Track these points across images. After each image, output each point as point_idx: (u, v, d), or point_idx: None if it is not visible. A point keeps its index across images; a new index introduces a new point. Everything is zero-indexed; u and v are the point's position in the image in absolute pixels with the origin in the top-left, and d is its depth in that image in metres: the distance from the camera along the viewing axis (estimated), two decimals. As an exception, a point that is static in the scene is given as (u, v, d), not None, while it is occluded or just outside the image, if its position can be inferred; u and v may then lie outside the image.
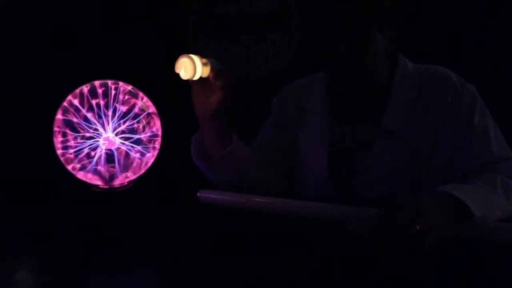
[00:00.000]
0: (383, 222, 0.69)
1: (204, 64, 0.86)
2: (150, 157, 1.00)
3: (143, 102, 0.99)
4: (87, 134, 0.96)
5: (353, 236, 0.72)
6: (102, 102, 0.96)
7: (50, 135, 0.97)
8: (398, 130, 0.99)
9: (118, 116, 0.96)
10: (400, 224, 0.67)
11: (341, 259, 0.71)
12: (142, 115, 0.98)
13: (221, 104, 0.91)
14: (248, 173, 1.01)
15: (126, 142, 0.97)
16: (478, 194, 0.79)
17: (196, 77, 0.86)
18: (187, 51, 0.85)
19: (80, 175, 0.98)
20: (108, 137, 0.96)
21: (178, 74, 0.85)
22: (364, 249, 0.69)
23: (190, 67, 0.84)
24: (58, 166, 0.98)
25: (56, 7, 1.81)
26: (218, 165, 0.97)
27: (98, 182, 0.99)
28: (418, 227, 0.66)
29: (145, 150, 0.99)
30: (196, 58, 0.85)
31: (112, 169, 0.97)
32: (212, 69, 0.88)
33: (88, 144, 0.96)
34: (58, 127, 0.96)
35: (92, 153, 0.96)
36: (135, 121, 0.98)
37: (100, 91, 0.96)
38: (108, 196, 0.99)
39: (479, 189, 0.82)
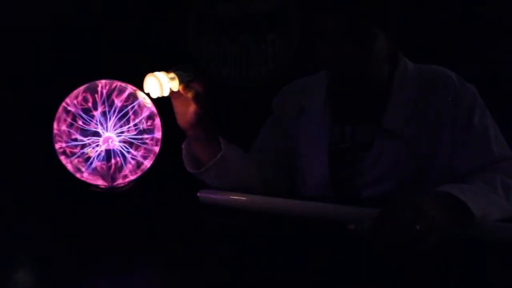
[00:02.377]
0: (383, 222, 0.69)
1: (171, 79, 0.87)
2: (150, 157, 1.00)
3: (144, 101, 0.99)
4: (87, 134, 0.96)
5: (353, 236, 0.72)
6: (102, 102, 0.95)
7: (50, 135, 0.97)
8: (398, 130, 0.99)
9: (118, 116, 0.96)
10: (400, 224, 0.67)
11: (341, 259, 0.71)
12: (142, 115, 0.98)
13: (198, 114, 0.91)
14: (243, 176, 1.01)
15: (126, 142, 0.97)
16: (478, 194, 0.79)
17: (165, 94, 0.87)
18: (152, 70, 0.86)
19: (80, 175, 0.98)
20: (107, 137, 0.96)
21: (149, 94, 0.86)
22: (364, 249, 0.69)
23: (156, 86, 0.85)
24: (58, 166, 0.98)
25: (56, 7, 1.81)
26: (210, 172, 0.98)
27: (98, 182, 0.98)
28: (418, 227, 0.66)
29: (145, 150, 0.99)
30: (161, 75, 0.86)
31: (111, 169, 0.97)
32: (180, 82, 0.88)
33: (87, 144, 0.95)
34: (58, 126, 0.96)
35: (92, 153, 0.96)
36: (135, 120, 0.98)
37: (100, 90, 0.96)
38: (108, 196, 0.99)
39: (479, 189, 0.82)
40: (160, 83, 0.85)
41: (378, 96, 1.02)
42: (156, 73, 0.85)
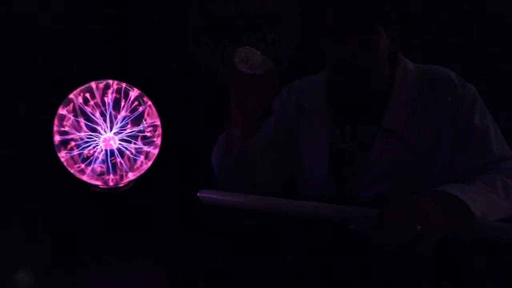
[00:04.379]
0: (384, 222, 0.69)
1: (262, 61, 0.87)
2: (150, 157, 1.00)
3: (144, 102, 0.99)
4: (87, 134, 0.96)
5: (353, 236, 0.72)
6: (102, 102, 0.96)
7: (50, 135, 0.97)
8: (399, 129, 0.99)
9: (118, 117, 0.96)
10: (401, 224, 0.67)
11: (341, 259, 0.71)
12: (143, 116, 0.98)
13: (263, 102, 0.94)
14: (261, 171, 1.01)
15: (126, 142, 0.97)
16: (478, 194, 0.79)
17: (250, 71, 0.88)
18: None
19: (80, 175, 0.98)
20: (108, 137, 0.96)
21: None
22: (364, 249, 0.69)
23: (253, 60, 0.86)
24: (58, 166, 0.98)
25: (56, 7, 1.81)
26: (236, 157, 0.99)
27: (98, 182, 0.99)
28: (419, 227, 0.66)
29: (145, 150, 0.99)
30: (258, 53, 0.87)
31: (111, 169, 0.97)
32: (266, 68, 0.89)
33: (88, 144, 0.96)
34: (58, 127, 0.96)
35: (92, 153, 0.96)
36: (135, 121, 0.98)
37: (100, 91, 0.96)
38: (108, 196, 0.99)
39: (479, 189, 0.82)
40: (256, 59, 0.86)
41: (378, 96, 1.02)
42: (253, 49, 0.86)
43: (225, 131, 1.02)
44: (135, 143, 0.98)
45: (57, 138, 0.96)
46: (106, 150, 0.96)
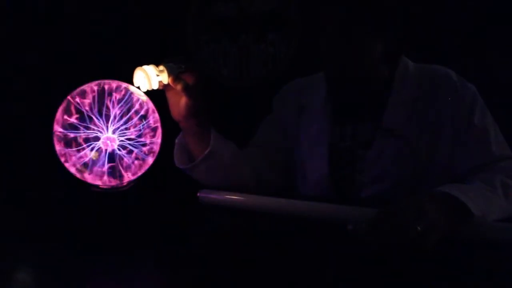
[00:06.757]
0: (383, 222, 0.69)
1: (160, 71, 0.88)
2: (151, 157, 1.00)
3: (143, 101, 0.99)
4: (87, 134, 0.96)
5: (353, 236, 0.72)
6: (102, 102, 0.95)
7: (49, 134, 0.97)
8: (399, 129, 0.99)
9: (118, 116, 0.96)
10: (401, 225, 0.67)
11: (341, 259, 0.71)
12: (143, 115, 0.98)
13: (189, 105, 0.91)
14: (235, 173, 1.00)
15: (126, 142, 0.97)
16: (478, 194, 0.79)
17: (154, 87, 0.88)
18: (141, 63, 0.88)
19: (80, 175, 0.98)
20: (108, 137, 0.96)
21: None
22: (363, 250, 0.69)
23: (145, 79, 0.86)
24: (58, 166, 0.98)
25: (56, 7, 1.81)
26: (200, 168, 0.98)
27: (98, 182, 0.98)
28: (419, 228, 0.66)
29: (145, 150, 0.99)
30: (149, 68, 0.87)
31: (112, 169, 0.97)
32: (169, 74, 0.88)
33: (88, 144, 0.95)
34: (58, 126, 0.96)
35: (92, 154, 0.96)
36: (135, 120, 0.97)
37: (100, 90, 0.96)
38: (108, 196, 0.99)
39: (478, 189, 0.83)
40: (148, 76, 0.86)
41: (378, 95, 1.02)
42: (145, 67, 0.87)
43: (180, 134, 1.01)
44: (135, 143, 0.98)
45: (56, 137, 0.96)
46: (106, 150, 0.96)
